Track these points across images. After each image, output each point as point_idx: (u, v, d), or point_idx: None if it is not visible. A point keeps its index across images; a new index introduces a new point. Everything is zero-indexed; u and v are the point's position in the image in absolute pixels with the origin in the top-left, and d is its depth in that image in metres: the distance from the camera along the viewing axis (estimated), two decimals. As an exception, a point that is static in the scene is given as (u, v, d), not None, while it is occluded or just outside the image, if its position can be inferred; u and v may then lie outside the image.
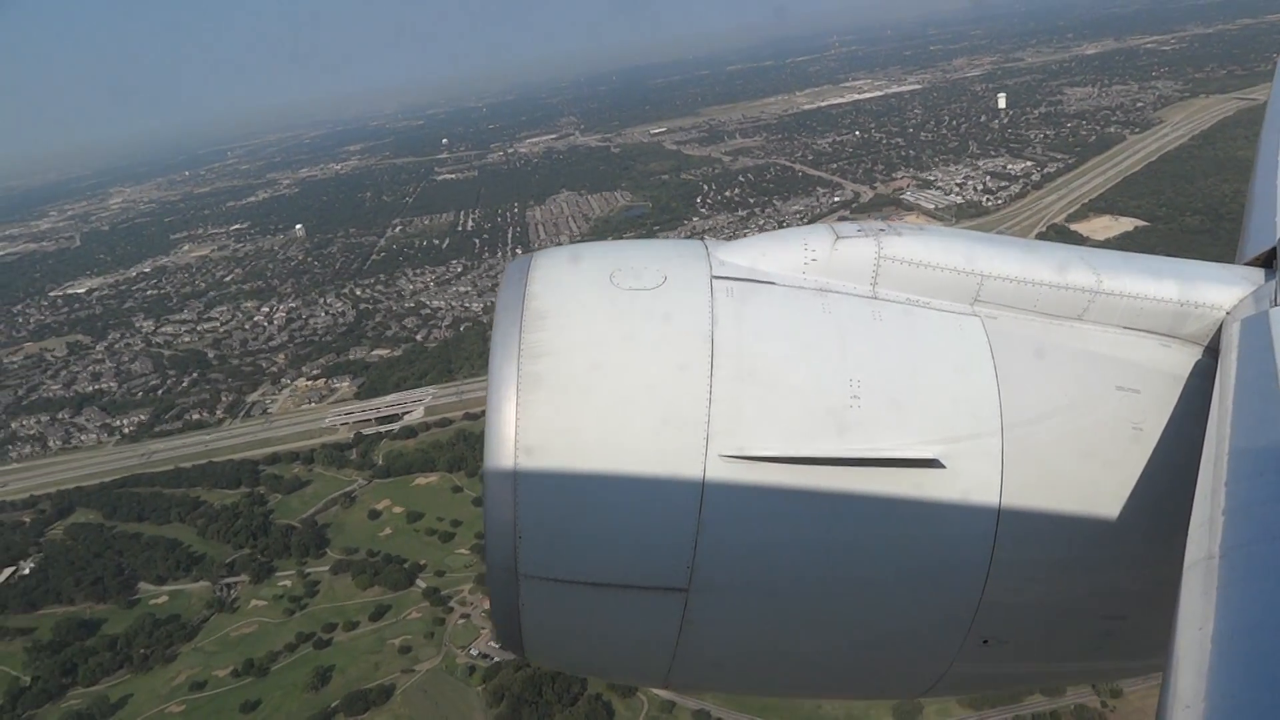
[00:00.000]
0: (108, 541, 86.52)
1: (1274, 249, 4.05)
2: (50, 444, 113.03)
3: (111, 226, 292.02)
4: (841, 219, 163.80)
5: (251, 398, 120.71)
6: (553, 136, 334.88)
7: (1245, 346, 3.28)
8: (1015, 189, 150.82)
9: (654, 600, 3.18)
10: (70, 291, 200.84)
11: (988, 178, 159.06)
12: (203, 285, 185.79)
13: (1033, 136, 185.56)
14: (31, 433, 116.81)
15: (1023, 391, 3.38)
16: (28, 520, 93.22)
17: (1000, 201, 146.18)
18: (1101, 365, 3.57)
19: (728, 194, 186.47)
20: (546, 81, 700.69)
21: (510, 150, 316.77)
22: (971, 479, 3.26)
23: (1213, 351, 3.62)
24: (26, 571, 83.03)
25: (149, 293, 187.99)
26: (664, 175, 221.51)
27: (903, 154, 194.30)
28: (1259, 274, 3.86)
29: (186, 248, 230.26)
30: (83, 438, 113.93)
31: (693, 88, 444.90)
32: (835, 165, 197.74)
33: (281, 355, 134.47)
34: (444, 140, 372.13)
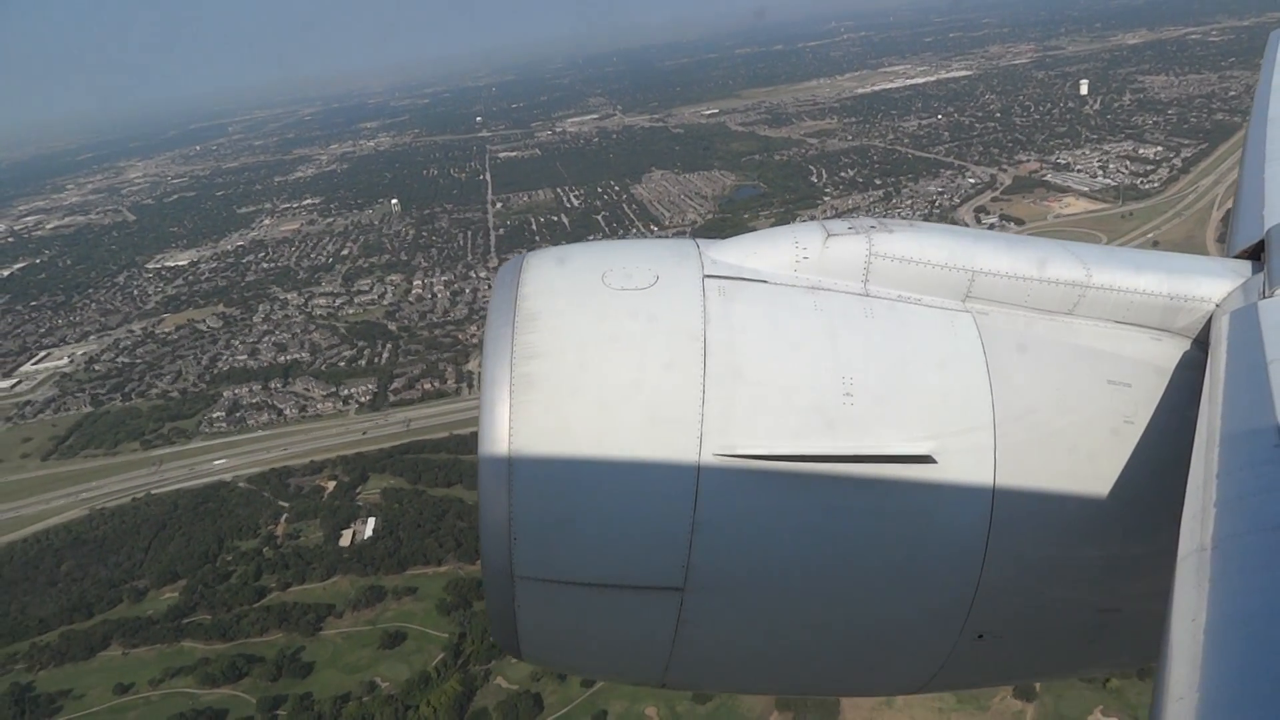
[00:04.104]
0: (435, 505, 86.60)
1: (1262, 242, 4.09)
2: (286, 413, 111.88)
3: (156, 200, 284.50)
4: (989, 202, 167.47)
5: (468, 368, 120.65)
6: (595, 116, 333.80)
7: (1234, 339, 3.30)
8: (1163, 172, 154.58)
9: (650, 600, 3.19)
10: (168, 264, 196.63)
11: (1127, 162, 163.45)
12: (322, 259, 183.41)
13: (1140, 122, 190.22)
14: (255, 401, 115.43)
15: (1015, 386, 3.42)
16: (329, 486, 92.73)
17: (1156, 184, 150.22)
18: (1092, 359, 3.61)
19: (843, 175, 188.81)
20: (537, 62, 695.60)
21: (558, 130, 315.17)
22: (965, 474, 3.29)
23: (1202, 344, 3.65)
24: (368, 535, 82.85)
25: (265, 265, 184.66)
26: (755, 156, 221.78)
27: (1011, 137, 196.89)
28: (1247, 266, 3.90)
29: (268, 222, 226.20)
30: (319, 407, 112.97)
31: (711, 70, 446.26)
32: (940, 148, 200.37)
33: (473, 326, 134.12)
34: (478, 119, 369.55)
